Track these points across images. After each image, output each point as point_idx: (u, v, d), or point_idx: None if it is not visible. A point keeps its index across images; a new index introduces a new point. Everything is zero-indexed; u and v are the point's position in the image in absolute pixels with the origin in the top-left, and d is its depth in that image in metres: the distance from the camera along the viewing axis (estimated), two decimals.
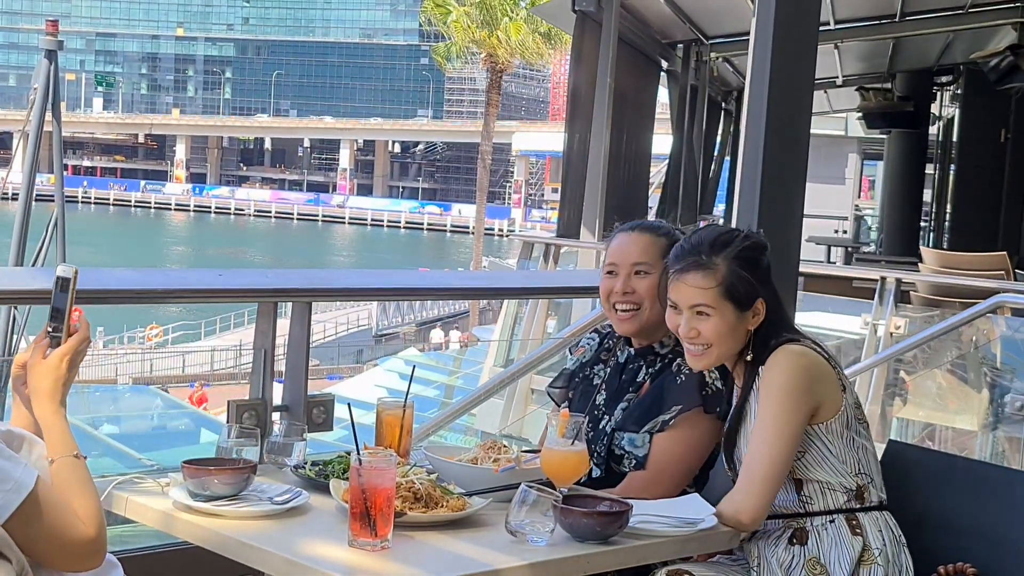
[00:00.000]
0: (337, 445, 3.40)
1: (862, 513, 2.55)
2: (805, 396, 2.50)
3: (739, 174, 3.46)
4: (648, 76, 12.14)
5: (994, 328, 6.85)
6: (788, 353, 2.53)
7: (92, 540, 1.95)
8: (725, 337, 2.55)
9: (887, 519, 2.58)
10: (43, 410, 2.06)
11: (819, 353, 2.56)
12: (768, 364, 2.54)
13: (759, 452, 2.49)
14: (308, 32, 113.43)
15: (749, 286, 2.55)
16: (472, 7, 37.31)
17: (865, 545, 2.51)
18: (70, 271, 2.12)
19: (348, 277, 4.41)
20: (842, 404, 2.54)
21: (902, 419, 7.38)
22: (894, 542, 2.56)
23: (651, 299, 2.73)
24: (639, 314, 2.74)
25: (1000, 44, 10.89)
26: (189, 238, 70.19)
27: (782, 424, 2.48)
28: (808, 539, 2.53)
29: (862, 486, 2.56)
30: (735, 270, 2.55)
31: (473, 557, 2.12)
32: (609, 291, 2.77)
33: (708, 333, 2.55)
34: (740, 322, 2.56)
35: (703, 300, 2.54)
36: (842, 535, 2.52)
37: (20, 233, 10.62)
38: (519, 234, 35.92)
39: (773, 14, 3.35)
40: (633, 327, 2.76)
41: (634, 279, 2.74)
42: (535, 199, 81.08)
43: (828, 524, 2.54)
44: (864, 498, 2.56)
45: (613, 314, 2.78)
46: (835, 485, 2.54)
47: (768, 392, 2.51)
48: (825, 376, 2.54)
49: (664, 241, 2.78)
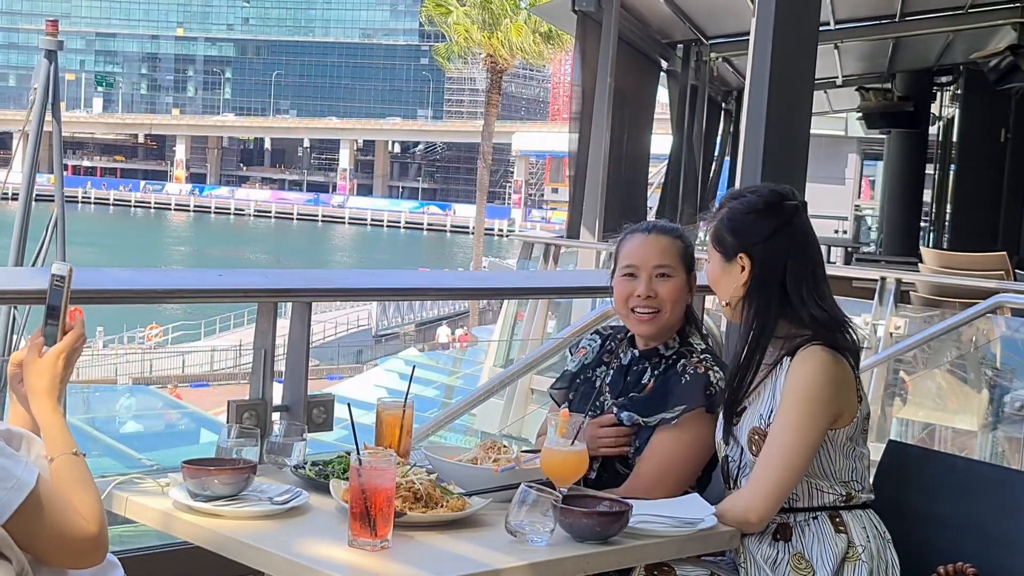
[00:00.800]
0: (337, 445, 3.39)
1: (845, 511, 2.54)
2: (831, 404, 2.49)
3: (739, 174, 3.47)
4: (648, 76, 12.13)
5: (994, 328, 6.85)
6: (823, 357, 2.50)
7: (94, 537, 1.95)
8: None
9: (870, 516, 2.57)
10: (41, 408, 2.06)
11: (847, 360, 2.53)
12: (799, 360, 2.50)
13: (777, 455, 2.47)
14: (308, 32, 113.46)
15: (732, 235, 2.60)
16: (473, 7, 37.29)
17: (850, 542, 2.50)
18: (65, 269, 2.12)
19: (348, 277, 4.41)
20: (856, 415, 2.54)
21: (902, 419, 7.37)
22: (878, 538, 2.55)
23: (672, 301, 2.71)
24: (659, 316, 2.72)
25: (1000, 44, 10.89)
26: (189, 238, 70.18)
27: (804, 430, 2.46)
28: (792, 535, 2.53)
29: (850, 492, 2.55)
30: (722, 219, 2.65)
31: (473, 557, 2.12)
32: (629, 294, 2.73)
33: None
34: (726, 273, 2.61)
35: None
36: (825, 532, 2.51)
37: (20, 233, 10.62)
38: (519, 234, 35.91)
39: (773, 14, 3.35)
40: (652, 329, 2.73)
41: (656, 281, 2.72)
42: (535, 199, 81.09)
43: (811, 520, 2.53)
44: (850, 500, 2.55)
45: (630, 316, 2.74)
46: (824, 488, 2.54)
47: (796, 394, 2.48)
48: (849, 386, 2.53)
49: (680, 243, 2.77)
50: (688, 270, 2.76)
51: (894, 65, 14.50)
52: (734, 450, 2.60)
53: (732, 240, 2.59)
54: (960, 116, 14.79)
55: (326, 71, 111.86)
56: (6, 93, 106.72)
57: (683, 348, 2.75)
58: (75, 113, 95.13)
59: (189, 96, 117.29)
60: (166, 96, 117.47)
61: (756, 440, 2.53)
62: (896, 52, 13.60)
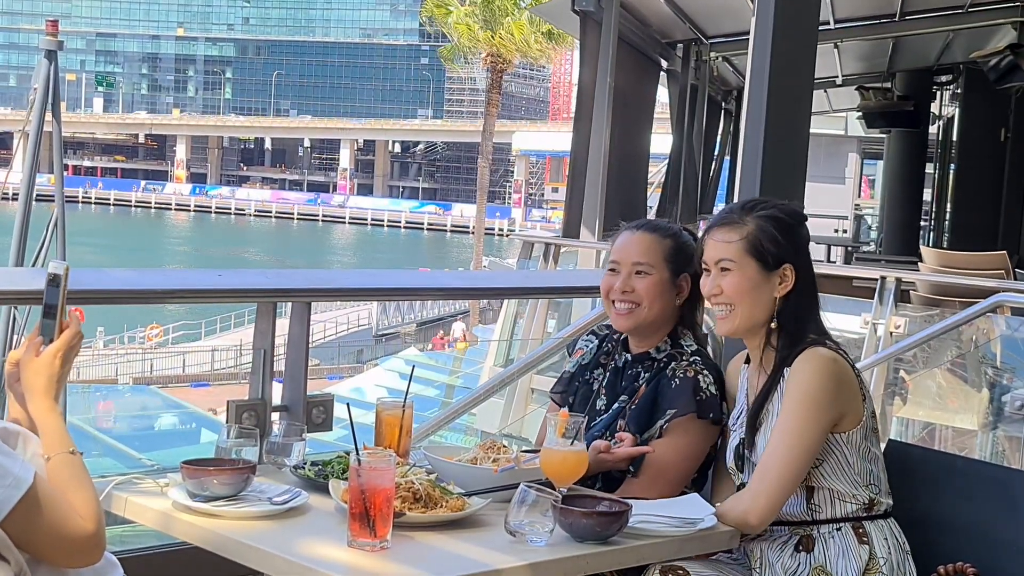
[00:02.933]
0: (336, 445, 3.39)
1: (868, 522, 2.51)
2: (830, 405, 2.46)
3: (739, 174, 3.46)
4: (649, 76, 12.13)
5: (994, 327, 6.85)
6: (820, 358, 2.48)
7: (91, 535, 1.95)
8: (747, 296, 2.51)
9: (892, 527, 2.55)
10: (38, 407, 2.06)
11: (845, 359, 2.52)
12: (797, 364, 2.48)
13: (776, 455, 2.45)
14: (308, 32, 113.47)
15: (776, 245, 2.52)
16: (474, 7, 37.30)
17: (872, 554, 2.48)
18: (61, 267, 2.12)
19: (348, 277, 4.41)
20: (863, 414, 2.51)
21: (902, 418, 7.37)
22: (899, 550, 2.52)
23: (650, 299, 2.73)
24: (637, 312, 2.74)
25: (1000, 43, 10.87)
26: (189, 238, 70.19)
27: (804, 431, 2.44)
28: (815, 546, 2.50)
29: (873, 497, 2.53)
30: (763, 227, 2.53)
31: (472, 557, 2.12)
32: (609, 288, 2.77)
33: (729, 289, 2.51)
34: (765, 283, 2.52)
35: (726, 255, 2.53)
36: (849, 544, 2.49)
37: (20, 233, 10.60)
38: (519, 234, 35.88)
39: (773, 14, 3.35)
40: (629, 324, 2.76)
41: (634, 278, 2.74)
42: (535, 199, 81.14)
43: (835, 532, 2.50)
44: (872, 507, 2.53)
45: (612, 310, 2.79)
46: (847, 496, 2.51)
47: (794, 395, 2.46)
48: (850, 384, 2.50)
49: (669, 242, 2.77)
50: (676, 269, 2.76)
51: (894, 64, 14.49)
52: (748, 475, 2.56)
53: (775, 250, 2.53)
54: (960, 115, 14.78)
55: (326, 71, 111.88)
56: (6, 93, 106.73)
57: (674, 350, 2.75)
58: (75, 113, 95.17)
59: (189, 96, 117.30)
60: (166, 96, 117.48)
61: None
62: (896, 51, 13.59)
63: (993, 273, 8.49)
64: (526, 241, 10.53)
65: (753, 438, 2.54)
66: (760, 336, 2.56)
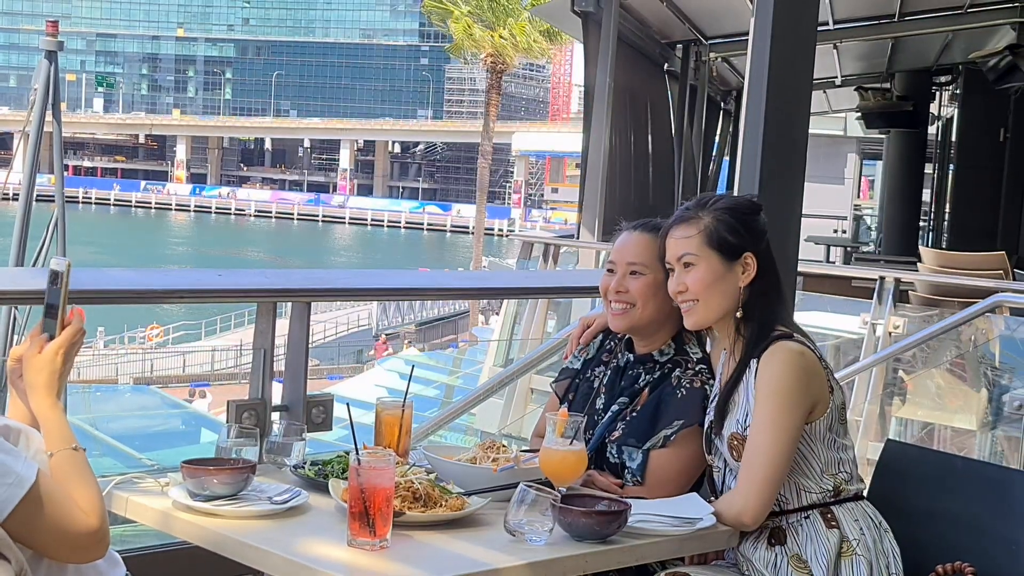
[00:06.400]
0: (336, 445, 3.40)
1: (836, 506, 2.54)
2: (803, 396, 2.49)
3: (738, 174, 3.47)
4: (654, 76, 12.13)
5: (993, 328, 6.84)
6: (788, 351, 2.51)
7: (95, 531, 1.96)
8: (712, 288, 2.54)
9: (864, 508, 2.57)
10: (40, 404, 2.06)
11: (812, 351, 2.55)
12: (765, 359, 2.51)
13: (760, 453, 2.47)
14: (308, 32, 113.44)
15: (734, 235, 2.55)
16: (474, 6, 37.29)
17: (843, 537, 2.50)
18: (63, 264, 2.13)
19: (348, 277, 4.40)
20: (829, 405, 2.54)
21: (901, 419, 7.38)
22: (874, 529, 2.54)
23: (644, 299, 2.73)
24: (631, 312, 2.74)
25: (999, 44, 10.88)
26: (189, 238, 70.16)
27: (782, 424, 2.47)
28: (786, 538, 2.53)
29: (838, 485, 2.55)
30: (720, 218, 2.57)
31: (472, 557, 2.13)
32: (606, 287, 2.79)
33: (694, 284, 2.55)
34: (728, 274, 2.56)
35: (687, 249, 2.56)
36: (817, 529, 2.51)
37: (20, 233, 10.59)
38: (519, 234, 35.89)
39: (772, 14, 3.36)
40: (624, 324, 2.76)
41: (629, 279, 2.75)
42: (535, 199, 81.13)
43: (803, 520, 2.53)
44: (840, 494, 2.55)
45: (609, 309, 2.80)
46: (811, 487, 2.53)
47: (767, 390, 2.49)
48: (818, 375, 2.53)
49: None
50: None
51: (893, 65, 14.49)
52: (718, 459, 2.60)
53: (734, 240, 2.57)
54: (959, 116, 14.78)
55: (326, 71, 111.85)
56: (6, 93, 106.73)
57: (678, 356, 2.75)
58: (75, 113, 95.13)
59: (190, 96, 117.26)
60: (167, 96, 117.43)
61: (736, 445, 2.53)
62: (895, 52, 13.60)
63: (992, 273, 8.50)
64: (526, 241, 10.54)
65: (721, 424, 2.57)
66: (729, 325, 2.60)
